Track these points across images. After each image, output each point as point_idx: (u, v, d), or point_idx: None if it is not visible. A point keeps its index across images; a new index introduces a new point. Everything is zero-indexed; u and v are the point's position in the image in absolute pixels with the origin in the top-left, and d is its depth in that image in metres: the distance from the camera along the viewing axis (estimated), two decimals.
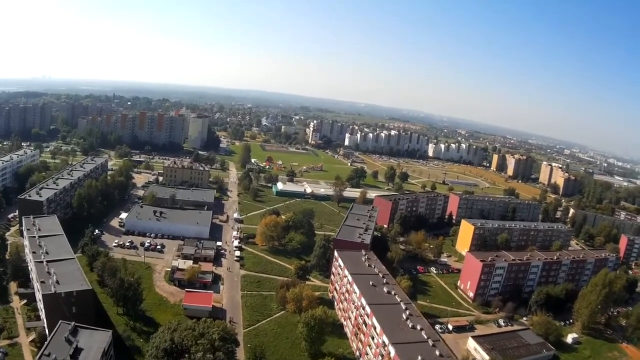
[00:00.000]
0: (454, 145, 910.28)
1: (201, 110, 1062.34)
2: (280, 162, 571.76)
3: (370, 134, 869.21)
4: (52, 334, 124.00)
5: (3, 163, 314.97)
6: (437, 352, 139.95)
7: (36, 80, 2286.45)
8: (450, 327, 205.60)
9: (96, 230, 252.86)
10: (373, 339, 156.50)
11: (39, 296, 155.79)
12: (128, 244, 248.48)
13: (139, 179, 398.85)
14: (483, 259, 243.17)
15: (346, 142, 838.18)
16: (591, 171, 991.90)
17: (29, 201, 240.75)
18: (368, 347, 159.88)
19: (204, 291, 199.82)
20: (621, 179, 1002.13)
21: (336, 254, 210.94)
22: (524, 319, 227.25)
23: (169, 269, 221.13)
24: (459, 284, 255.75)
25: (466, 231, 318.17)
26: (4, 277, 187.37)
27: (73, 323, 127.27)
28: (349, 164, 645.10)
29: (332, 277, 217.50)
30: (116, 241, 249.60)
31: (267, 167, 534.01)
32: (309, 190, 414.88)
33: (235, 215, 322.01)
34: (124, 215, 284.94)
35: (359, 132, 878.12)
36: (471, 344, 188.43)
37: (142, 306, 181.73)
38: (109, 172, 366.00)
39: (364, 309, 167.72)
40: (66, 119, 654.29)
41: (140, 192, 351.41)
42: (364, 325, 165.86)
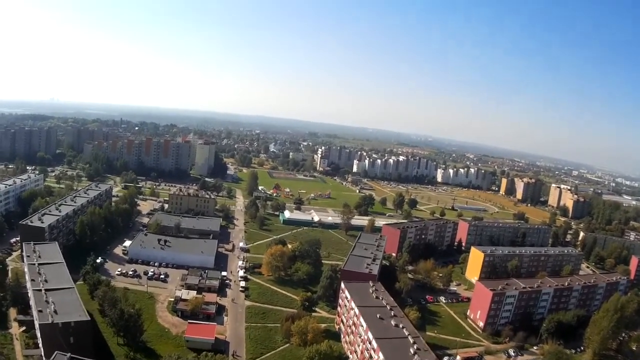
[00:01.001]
0: (462, 170, 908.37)
1: (209, 136, 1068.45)
2: (288, 190, 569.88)
3: (379, 160, 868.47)
4: None
5: (6, 187, 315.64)
6: None
7: (43, 103, 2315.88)
8: (459, 358, 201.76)
9: (99, 258, 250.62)
10: None
11: (37, 324, 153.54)
12: (131, 272, 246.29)
13: (144, 206, 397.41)
14: (493, 287, 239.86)
15: (354, 169, 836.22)
16: (600, 192, 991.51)
17: (30, 227, 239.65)
18: None
19: (207, 323, 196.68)
20: (630, 197, 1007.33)
21: (343, 285, 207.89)
22: (535, 348, 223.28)
23: (172, 299, 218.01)
24: (468, 313, 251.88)
25: (476, 259, 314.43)
26: (4, 303, 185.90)
27: (69, 354, 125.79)
28: (357, 191, 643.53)
29: (338, 308, 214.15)
30: (119, 269, 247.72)
31: (275, 194, 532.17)
32: (316, 219, 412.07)
33: (241, 245, 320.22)
34: (127, 243, 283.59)
35: (367, 158, 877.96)
36: None
37: (143, 337, 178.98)
38: (113, 199, 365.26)
39: (370, 343, 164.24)
40: (72, 143, 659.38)
41: (146, 220, 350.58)
42: None
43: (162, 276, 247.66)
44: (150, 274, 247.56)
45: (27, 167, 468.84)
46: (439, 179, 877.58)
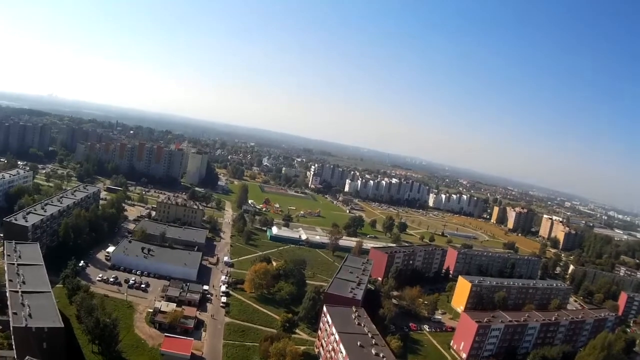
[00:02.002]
0: (454, 196, 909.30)
1: (203, 145, 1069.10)
2: (278, 205, 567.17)
3: (371, 181, 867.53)
4: None
5: None
6: None
7: (41, 99, 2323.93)
8: None
9: (81, 263, 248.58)
10: None
11: (11, 327, 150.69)
12: (112, 279, 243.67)
13: (132, 211, 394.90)
14: (479, 319, 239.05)
15: (346, 188, 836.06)
16: (591, 224, 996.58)
17: (14, 225, 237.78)
18: None
19: (184, 337, 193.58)
20: (621, 232, 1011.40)
21: (325, 309, 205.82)
22: None
23: (151, 310, 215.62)
24: (452, 343, 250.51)
25: (463, 288, 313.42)
26: None
27: None
28: (348, 211, 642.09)
29: (319, 332, 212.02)
30: (100, 275, 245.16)
31: (264, 209, 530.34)
32: (304, 237, 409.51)
33: (226, 259, 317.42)
34: (111, 249, 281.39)
35: (360, 179, 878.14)
36: None
37: (119, 347, 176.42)
38: (101, 202, 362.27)
39: None
40: (65, 142, 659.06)
41: (132, 226, 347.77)
42: None
43: (143, 285, 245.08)
44: (132, 282, 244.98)
45: (18, 162, 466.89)
46: (431, 203, 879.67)
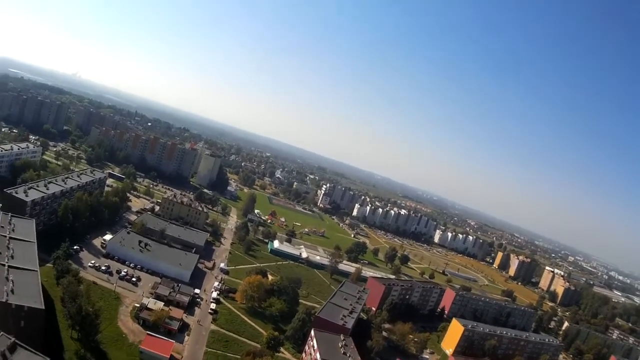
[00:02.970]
0: (461, 236, 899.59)
1: (218, 148, 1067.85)
2: (284, 220, 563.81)
3: (380, 209, 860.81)
4: None
5: (2, 151, 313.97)
6: None
7: (65, 77, 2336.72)
8: None
9: (75, 246, 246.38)
10: None
11: None
12: (104, 267, 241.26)
13: (136, 203, 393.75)
14: None
15: (354, 212, 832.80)
16: (592, 282, 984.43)
17: (13, 198, 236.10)
18: None
19: (165, 339, 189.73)
20: (620, 293, 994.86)
21: (313, 332, 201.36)
22: None
23: (138, 305, 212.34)
24: None
25: (455, 331, 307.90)
26: None
27: (13, 339, 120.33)
28: (352, 235, 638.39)
29: (303, 355, 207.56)
30: (92, 262, 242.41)
31: (270, 221, 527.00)
32: (304, 255, 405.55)
33: (222, 265, 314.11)
34: (108, 237, 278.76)
35: (369, 205, 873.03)
36: None
37: (98, 337, 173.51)
38: (106, 189, 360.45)
39: None
40: (81, 123, 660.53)
41: (133, 217, 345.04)
42: None
43: (133, 279, 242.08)
44: (123, 273, 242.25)
45: (30, 137, 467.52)
46: (436, 239, 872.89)
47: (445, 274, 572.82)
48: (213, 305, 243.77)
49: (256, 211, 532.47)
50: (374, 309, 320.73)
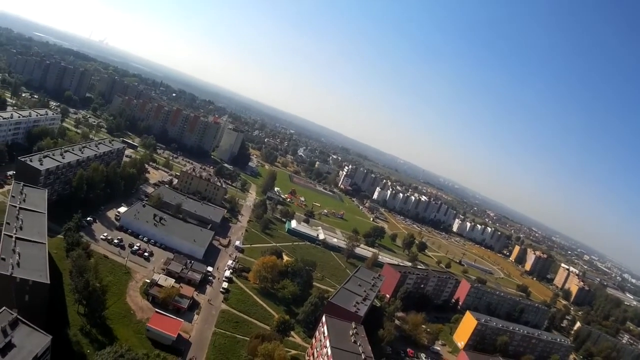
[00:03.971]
0: (479, 226, 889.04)
1: (242, 123, 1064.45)
2: (303, 199, 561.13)
3: (401, 194, 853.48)
4: None
5: (19, 117, 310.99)
6: None
7: (92, 43, 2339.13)
8: None
9: (89, 217, 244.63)
10: None
11: None
12: (116, 240, 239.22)
13: (154, 175, 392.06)
14: None
15: (375, 196, 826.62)
16: (605, 283, 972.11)
17: (27, 166, 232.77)
18: None
19: (173, 317, 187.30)
20: (632, 297, 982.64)
21: (324, 318, 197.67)
22: None
23: (148, 281, 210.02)
24: None
25: (468, 324, 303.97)
26: None
27: (15, 315, 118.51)
28: (371, 219, 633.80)
29: (313, 340, 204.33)
30: (105, 234, 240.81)
31: (289, 200, 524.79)
32: (321, 237, 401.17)
33: (237, 243, 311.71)
34: (122, 209, 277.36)
35: (390, 189, 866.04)
36: None
37: (105, 313, 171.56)
38: (124, 159, 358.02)
39: None
40: (103, 91, 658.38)
41: (151, 190, 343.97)
42: None
43: (146, 254, 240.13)
44: (135, 247, 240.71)
45: (51, 103, 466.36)
46: (455, 228, 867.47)
47: (462, 264, 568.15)
48: (225, 285, 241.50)
49: (276, 189, 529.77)
50: (388, 296, 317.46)
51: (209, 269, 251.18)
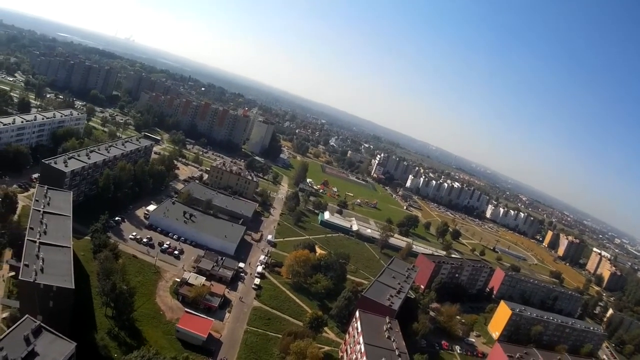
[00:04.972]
0: (512, 212, 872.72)
1: (272, 114, 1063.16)
2: (336, 189, 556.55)
3: (434, 181, 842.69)
4: (13, 327, 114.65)
5: (43, 119, 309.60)
6: None
7: (118, 41, 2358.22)
8: None
9: (117, 217, 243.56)
10: None
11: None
12: (145, 239, 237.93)
13: (184, 171, 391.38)
14: (511, 354, 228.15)
15: (408, 183, 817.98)
16: (636, 267, 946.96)
17: (52, 168, 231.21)
18: None
19: (204, 317, 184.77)
20: None
21: (358, 313, 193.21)
22: None
23: (178, 280, 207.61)
24: None
25: (502, 314, 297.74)
26: (1, 242, 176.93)
27: (39, 323, 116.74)
28: (405, 207, 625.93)
29: (347, 336, 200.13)
30: (134, 233, 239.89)
31: (321, 191, 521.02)
32: (355, 228, 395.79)
33: (270, 237, 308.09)
34: (151, 207, 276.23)
35: (423, 177, 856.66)
36: None
37: (134, 315, 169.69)
38: (153, 156, 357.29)
39: None
40: (130, 89, 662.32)
41: (180, 186, 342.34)
42: None
43: (176, 252, 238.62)
44: (165, 246, 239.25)
45: (77, 103, 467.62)
46: (488, 214, 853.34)
47: (496, 251, 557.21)
48: (257, 281, 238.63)
49: (308, 180, 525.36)
50: (422, 287, 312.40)
51: (241, 265, 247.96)
